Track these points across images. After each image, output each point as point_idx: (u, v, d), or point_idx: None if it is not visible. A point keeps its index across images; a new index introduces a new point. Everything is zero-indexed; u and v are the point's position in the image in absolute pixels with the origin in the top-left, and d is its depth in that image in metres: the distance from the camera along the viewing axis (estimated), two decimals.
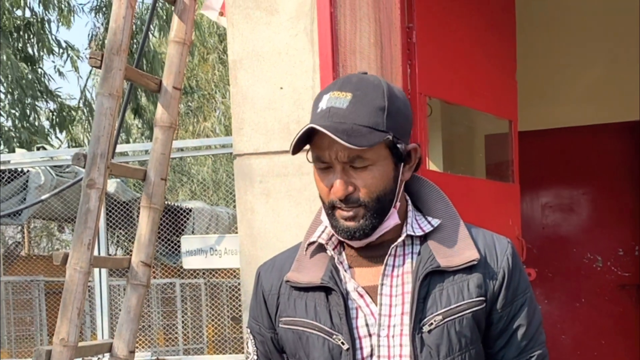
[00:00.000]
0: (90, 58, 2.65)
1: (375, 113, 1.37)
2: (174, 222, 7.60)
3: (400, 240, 1.44)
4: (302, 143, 1.38)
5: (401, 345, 1.42)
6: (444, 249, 1.44)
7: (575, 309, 4.98)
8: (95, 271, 5.85)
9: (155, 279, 8.78)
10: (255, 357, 1.58)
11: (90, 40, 14.06)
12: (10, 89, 12.24)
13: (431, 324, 1.41)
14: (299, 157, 1.56)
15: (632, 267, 4.88)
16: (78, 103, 14.23)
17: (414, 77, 2.79)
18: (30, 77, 12.57)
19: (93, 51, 2.81)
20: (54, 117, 13.31)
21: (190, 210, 8.15)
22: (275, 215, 2.91)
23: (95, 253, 2.56)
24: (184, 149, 7.79)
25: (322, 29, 2.37)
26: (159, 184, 2.78)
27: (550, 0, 4.73)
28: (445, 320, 1.41)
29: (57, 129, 13.48)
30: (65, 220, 8.67)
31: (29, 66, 12.71)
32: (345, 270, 1.45)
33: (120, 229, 7.54)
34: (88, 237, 2.55)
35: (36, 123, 13.04)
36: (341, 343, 1.42)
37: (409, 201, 1.49)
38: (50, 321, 8.12)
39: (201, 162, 15.58)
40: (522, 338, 1.47)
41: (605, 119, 4.78)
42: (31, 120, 12.79)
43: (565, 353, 4.92)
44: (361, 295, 1.44)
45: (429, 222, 1.47)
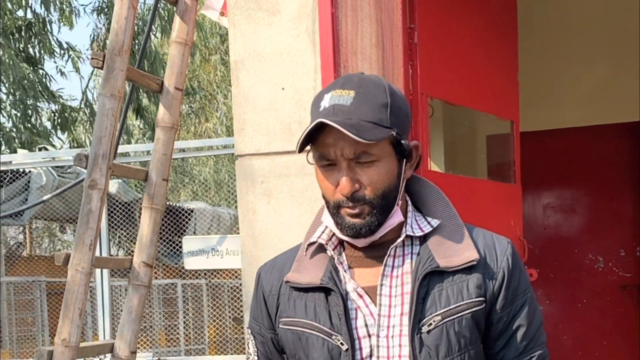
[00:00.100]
0: (92, 59, 2.66)
1: (379, 109, 1.37)
2: (176, 223, 7.60)
3: (399, 240, 1.44)
4: (308, 140, 1.38)
5: (400, 346, 1.42)
6: (444, 249, 1.44)
7: (576, 310, 4.98)
8: (97, 272, 5.86)
9: (156, 279, 8.77)
10: (255, 358, 1.58)
11: (92, 41, 14.10)
12: (12, 90, 12.25)
13: (430, 324, 1.41)
14: (300, 158, 1.56)
15: (634, 268, 4.87)
16: (80, 104, 14.27)
17: (415, 78, 2.79)
18: (32, 78, 12.57)
19: (95, 52, 2.81)
20: (56, 118, 13.32)
21: (192, 211, 8.15)
22: (277, 215, 2.91)
23: (97, 253, 2.56)
24: (186, 150, 7.80)
25: (324, 30, 2.37)
26: (161, 184, 2.79)
27: (551, 2, 4.73)
28: (445, 320, 1.41)
29: (59, 130, 13.50)
30: (67, 221, 8.66)
31: (31, 67, 12.72)
32: (345, 271, 1.45)
33: (121, 230, 7.55)
34: (90, 238, 2.55)
35: (38, 124, 13.06)
36: (340, 343, 1.42)
37: (409, 201, 1.50)
38: (52, 322, 8.11)
39: (203, 163, 15.57)
40: (522, 338, 1.47)
41: (606, 119, 4.78)
42: (33, 121, 12.80)
43: (566, 353, 4.91)
44: (360, 296, 1.44)
45: (429, 223, 1.47)
